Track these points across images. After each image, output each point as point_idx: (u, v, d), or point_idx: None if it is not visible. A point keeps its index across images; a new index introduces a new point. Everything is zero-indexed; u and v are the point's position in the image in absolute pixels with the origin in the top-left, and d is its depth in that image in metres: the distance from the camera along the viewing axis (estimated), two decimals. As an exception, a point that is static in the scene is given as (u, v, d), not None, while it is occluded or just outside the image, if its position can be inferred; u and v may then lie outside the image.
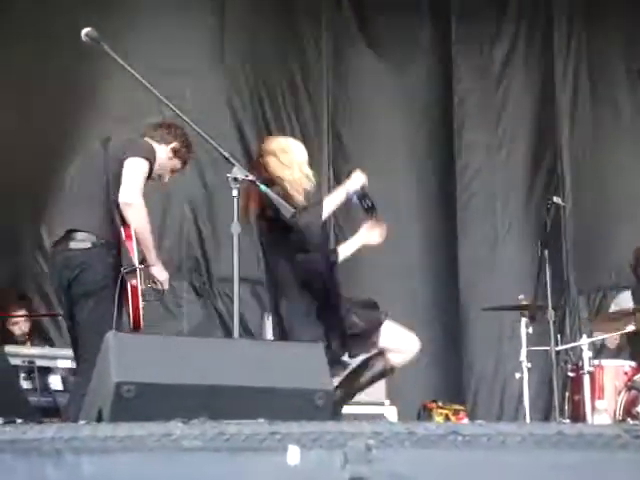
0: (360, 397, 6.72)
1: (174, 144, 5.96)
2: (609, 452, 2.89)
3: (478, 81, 10.12)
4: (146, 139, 5.91)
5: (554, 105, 10.01)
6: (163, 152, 5.91)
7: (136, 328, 5.40)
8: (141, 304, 5.46)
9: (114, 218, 5.53)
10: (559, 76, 10.06)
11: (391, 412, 7.48)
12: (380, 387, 7.40)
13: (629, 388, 6.63)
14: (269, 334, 7.34)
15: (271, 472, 2.77)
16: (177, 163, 6.06)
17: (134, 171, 5.55)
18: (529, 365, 7.26)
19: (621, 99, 9.87)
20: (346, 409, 6.08)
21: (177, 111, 5.35)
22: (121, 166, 5.53)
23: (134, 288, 5.46)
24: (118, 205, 5.51)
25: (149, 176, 5.68)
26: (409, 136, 9.92)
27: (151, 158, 5.66)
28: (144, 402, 3.79)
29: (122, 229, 5.48)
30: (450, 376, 9.35)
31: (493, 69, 10.13)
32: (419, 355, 6.43)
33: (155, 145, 5.86)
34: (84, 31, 5.16)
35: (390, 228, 6.14)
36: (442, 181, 9.86)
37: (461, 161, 9.87)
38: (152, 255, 5.70)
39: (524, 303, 7.38)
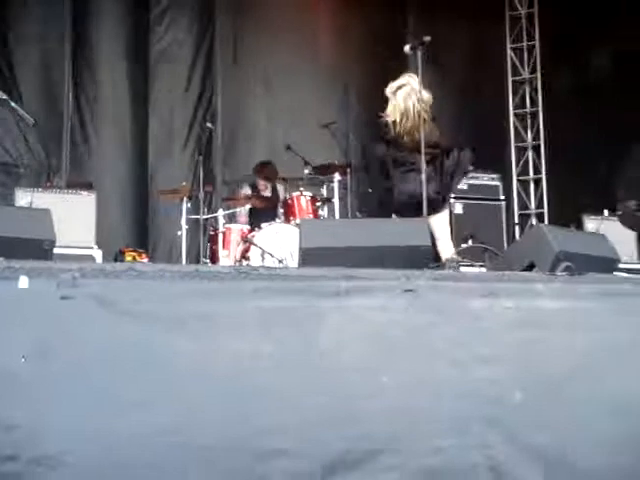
0: (73, 242, 6.57)
1: None
2: (234, 282, 2.98)
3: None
4: None
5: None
6: None
7: None
8: None
9: None
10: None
11: (97, 254, 7.29)
12: (90, 234, 7.25)
13: (244, 242, 6.83)
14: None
15: (7, 293, 2.71)
16: None
17: None
18: (187, 227, 7.35)
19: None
20: (63, 251, 5.86)
21: None
22: None
23: None
24: None
25: None
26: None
27: None
28: None
29: None
30: (141, 229, 9.23)
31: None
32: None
33: None
34: None
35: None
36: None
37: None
38: None
39: (184, 187, 7.48)
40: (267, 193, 8.07)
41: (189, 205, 7.43)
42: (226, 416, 2.73)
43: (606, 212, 8.92)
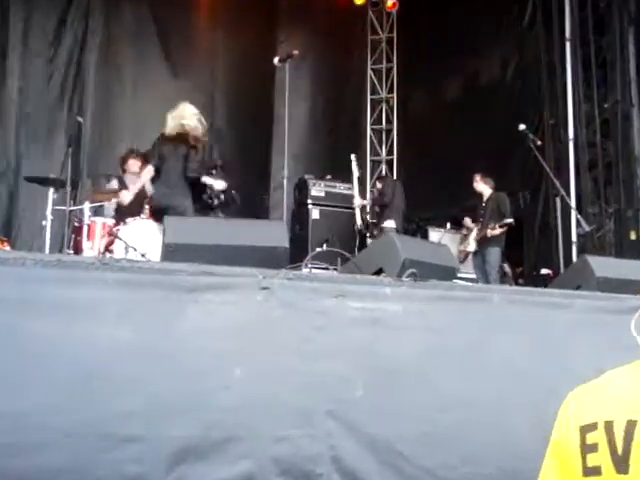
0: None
1: None
2: (96, 272, 2.87)
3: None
4: None
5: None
6: None
7: None
8: None
9: None
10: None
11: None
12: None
13: (109, 235, 6.65)
14: None
15: None
16: None
17: None
18: (52, 217, 7.02)
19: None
20: None
21: None
22: None
23: None
24: None
25: None
26: None
27: None
28: None
29: None
30: (4, 218, 8.85)
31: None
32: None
33: None
34: None
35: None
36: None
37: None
38: None
39: (52, 178, 7.20)
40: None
41: (55, 196, 7.13)
42: (78, 400, 2.65)
43: (448, 225, 9.32)
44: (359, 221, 9.21)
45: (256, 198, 9.82)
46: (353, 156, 9.41)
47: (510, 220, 7.92)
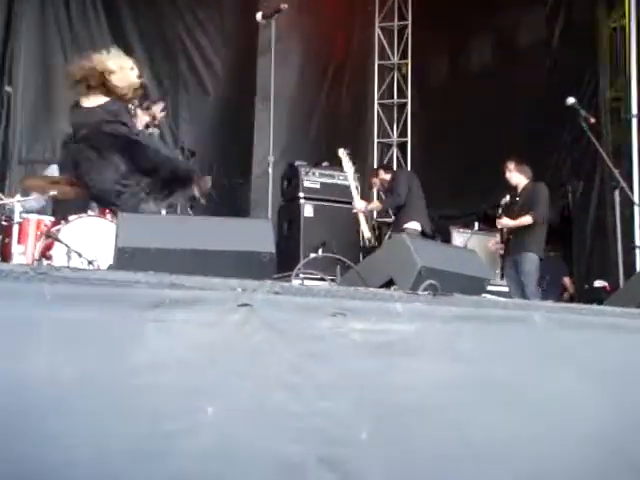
0: None
1: None
2: (29, 285, 2.84)
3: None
4: None
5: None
6: None
7: None
8: None
9: None
10: None
11: None
12: None
13: (47, 236, 6.64)
14: None
15: None
16: None
17: None
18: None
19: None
20: None
21: None
22: None
23: None
24: None
25: None
26: None
27: None
28: None
29: None
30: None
31: None
32: None
33: None
34: None
35: None
36: None
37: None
38: None
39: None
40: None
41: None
42: (4, 451, 2.63)
43: (476, 225, 9.33)
44: (367, 233, 8.88)
45: (234, 190, 9.82)
46: (341, 151, 9.04)
47: (528, 218, 7.90)
